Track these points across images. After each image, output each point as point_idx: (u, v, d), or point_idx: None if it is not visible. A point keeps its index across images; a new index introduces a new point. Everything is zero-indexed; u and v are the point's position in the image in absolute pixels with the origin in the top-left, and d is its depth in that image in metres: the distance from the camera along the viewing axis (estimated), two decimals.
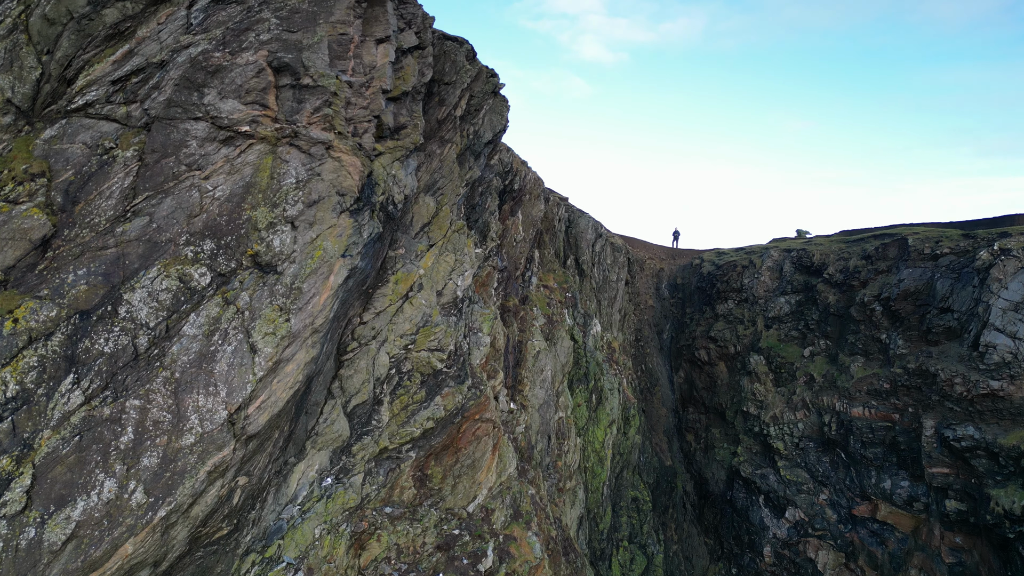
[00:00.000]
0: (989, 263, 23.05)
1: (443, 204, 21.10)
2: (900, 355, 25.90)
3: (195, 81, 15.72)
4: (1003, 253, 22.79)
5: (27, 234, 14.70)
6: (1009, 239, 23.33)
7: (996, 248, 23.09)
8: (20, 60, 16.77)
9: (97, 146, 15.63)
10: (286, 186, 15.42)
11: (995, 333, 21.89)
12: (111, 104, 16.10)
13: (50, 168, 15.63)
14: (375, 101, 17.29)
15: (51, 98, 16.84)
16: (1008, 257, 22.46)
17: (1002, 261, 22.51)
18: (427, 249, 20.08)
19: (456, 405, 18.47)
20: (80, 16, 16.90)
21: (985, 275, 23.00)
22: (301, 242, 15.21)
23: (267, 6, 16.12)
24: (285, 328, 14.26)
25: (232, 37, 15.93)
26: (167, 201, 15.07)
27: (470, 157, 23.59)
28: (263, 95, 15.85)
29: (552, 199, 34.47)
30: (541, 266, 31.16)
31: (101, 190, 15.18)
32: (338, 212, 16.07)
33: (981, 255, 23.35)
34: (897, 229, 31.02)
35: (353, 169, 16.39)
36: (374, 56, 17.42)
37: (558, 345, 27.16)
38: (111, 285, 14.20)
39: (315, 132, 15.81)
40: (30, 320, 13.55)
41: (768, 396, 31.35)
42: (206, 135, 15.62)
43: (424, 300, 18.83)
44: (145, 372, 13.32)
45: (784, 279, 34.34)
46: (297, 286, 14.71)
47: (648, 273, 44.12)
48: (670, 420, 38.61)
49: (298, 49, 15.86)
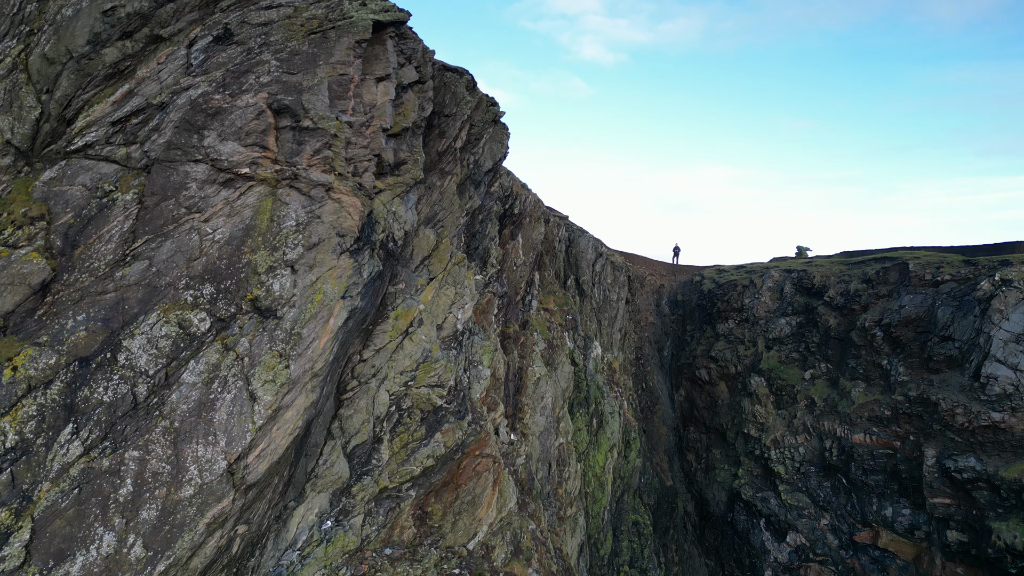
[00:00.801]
0: (990, 293, 23.03)
1: (443, 236, 21.08)
2: (901, 382, 25.87)
3: (195, 123, 15.71)
4: (1004, 284, 22.76)
5: (26, 279, 14.68)
6: (1010, 269, 23.29)
7: (997, 279, 23.07)
8: (19, 100, 16.77)
9: (97, 188, 15.62)
10: (286, 229, 15.40)
11: (996, 364, 21.86)
12: (111, 145, 16.10)
13: (49, 211, 15.61)
14: (375, 140, 17.28)
15: (50, 138, 16.84)
16: (1009, 288, 22.43)
17: (1003, 292, 22.48)
18: (427, 283, 20.05)
19: (456, 442, 18.43)
20: (80, 56, 16.91)
21: (986, 305, 22.98)
22: (301, 286, 15.18)
23: (267, 48, 16.12)
24: (285, 375, 14.22)
25: (232, 79, 15.92)
26: (167, 244, 15.04)
27: (470, 187, 23.58)
28: (263, 137, 15.84)
29: (552, 220, 34.45)
30: (541, 288, 31.13)
31: (100, 234, 15.16)
32: (338, 253, 16.05)
33: (982, 285, 23.33)
34: (898, 252, 30.97)
35: (353, 210, 16.37)
36: (374, 95, 17.42)
37: (558, 370, 27.12)
38: (110, 331, 14.18)
39: (315, 174, 15.80)
40: (29, 368, 13.52)
41: (769, 419, 31.30)
42: (206, 177, 15.61)
43: (424, 336, 18.80)
44: (144, 422, 13.28)
45: (785, 300, 34.31)
46: (297, 331, 14.68)
47: (648, 289, 44.09)
48: (671, 439, 38.55)
49: (298, 91, 15.84)
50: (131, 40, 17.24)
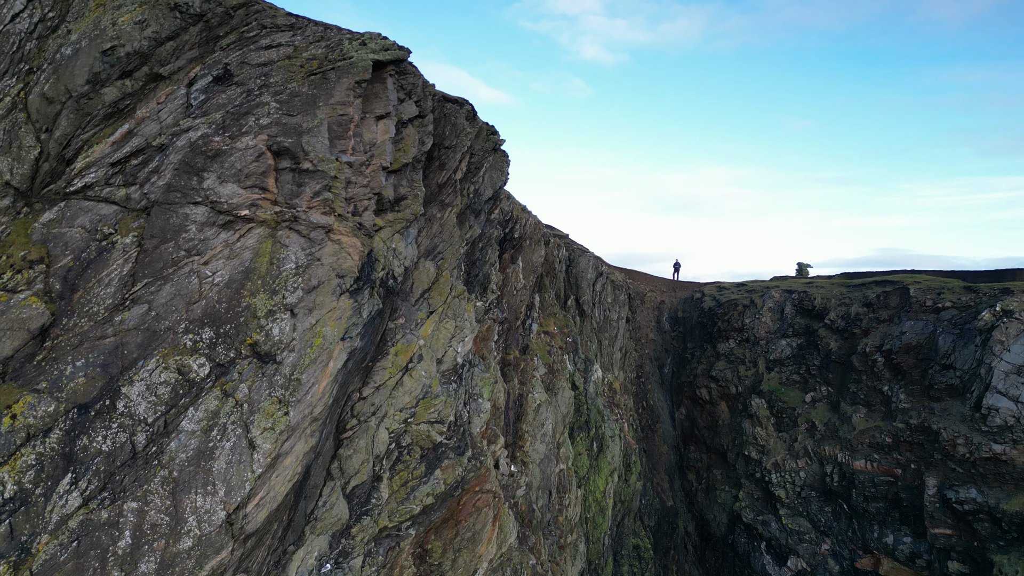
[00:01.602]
0: (991, 324, 22.99)
1: (443, 269, 21.05)
2: (902, 409, 25.83)
3: (195, 165, 15.69)
4: (1005, 315, 22.72)
5: (25, 324, 14.65)
6: (1011, 298, 23.26)
7: (998, 309, 23.03)
8: (19, 140, 16.76)
9: (96, 230, 15.60)
10: (285, 272, 15.36)
11: (998, 396, 21.81)
12: (110, 186, 16.08)
13: (49, 253, 15.59)
14: (375, 179, 17.26)
15: (50, 177, 16.83)
16: (1010, 319, 22.39)
17: (1004, 323, 22.44)
18: (427, 316, 20.02)
19: (456, 478, 18.38)
20: (79, 95, 16.90)
21: (987, 336, 22.94)
22: (300, 329, 15.15)
23: (267, 89, 16.10)
24: (284, 422, 14.19)
25: (232, 121, 15.90)
26: (166, 288, 15.01)
27: (470, 216, 23.55)
28: (263, 179, 15.82)
29: (552, 241, 34.42)
30: (542, 310, 31.09)
31: (100, 277, 15.14)
32: (338, 295, 16.02)
33: (984, 316, 23.31)
34: (899, 276, 30.94)
35: (353, 250, 16.34)
36: (374, 133, 17.40)
37: (559, 395, 27.09)
38: (109, 376, 14.14)
39: (315, 216, 15.77)
40: (28, 416, 13.49)
41: (770, 441, 31.26)
42: (205, 219, 15.58)
43: (424, 371, 18.76)
44: (143, 472, 13.24)
45: (785, 321, 34.28)
46: (296, 377, 14.64)
47: (649, 306, 44.06)
48: (671, 458, 38.49)
49: (298, 133, 15.83)
50: (130, 79, 17.22)
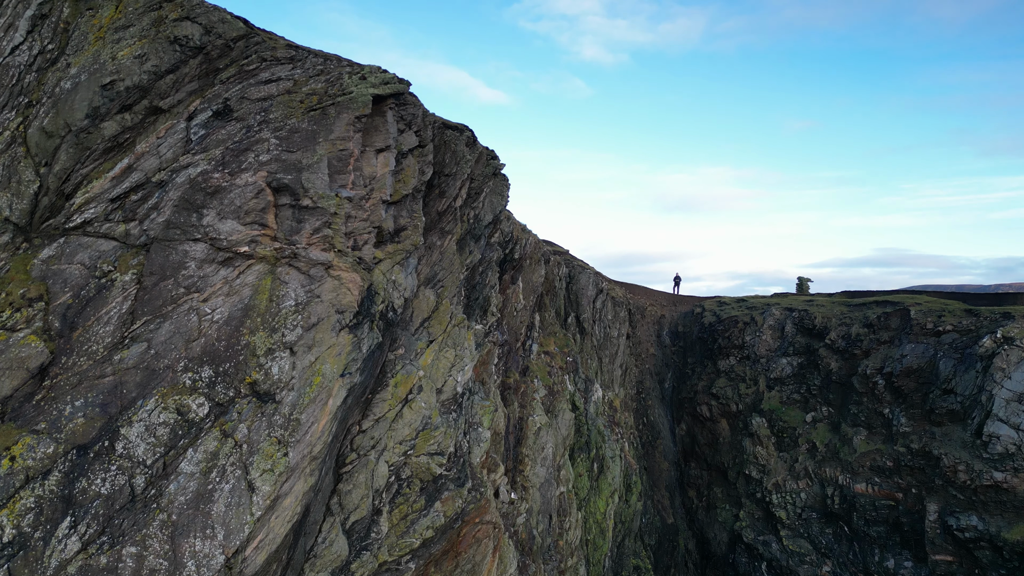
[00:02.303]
0: (992, 351, 22.96)
1: (443, 297, 21.02)
2: (903, 433, 25.77)
3: (194, 202, 15.67)
4: (1006, 342, 22.68)
5: (24, 363, 14.63)
6: (1012, 324, 23.22)
7: (999, 336, 22.99)
8: (18, 174, 16.75)
9: (95, 267, 15.59)
10: (285, 309, 15.34)
11: (999, 424, 21.77)
12: (109, 222, 16.07)
13: (48, 290, 15.57)
14: (375, 212, 17.24)
15: (49, 212, 16.81)
16: (1011, 346, 22.35)
17: (1005, 350, 22.41)
18: (427, 346, 19.99)
19: (456, 510, 18.34)
20: (78, 130, 16.89)
21: (988, 363, 22.91)
22: (300, 367, 15.12)
23: (267, 125, 16.09)
24: (283, 464, 14.15)
25: (232, 157, 15.89)
26: (165, 326, 14.99)
27: (470, 241, 23.53)
28: (262, 215, 15.80)
29: (553, 260, 34.39)
30: (542, 330, 31.06)
31: (99, 315, 15.12)
32: (337, 330, 15.99)
33: (984, 342, 23.27)
34: (899, 297, 30.91)
35: (353, 285, 16.32)
36: (374, 167, 17.39)
37: (559, 417, 27.05)
38: (108, 416, 14.11)
39: (315, 253, 15.75)
40: (27, 458, 13.47)
41: (770, 461, 31.21)
42: (205, 256, 15.56)
43: (424, 402, 18.73)
44: (142, 515, 13.20)
45: (786, 340, 34.24)
46: (296, 417, 14.61)
47: (649, 320, 44.02)
48: (672, 474, 38.44)
49: (298, 169, 15.81)
50: (130, 112, 17.21)
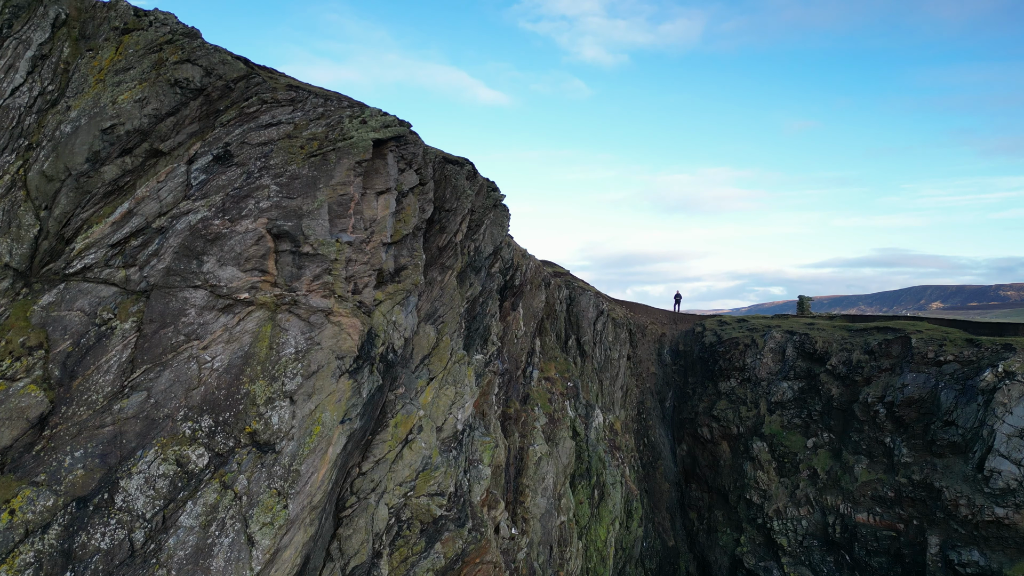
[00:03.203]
0: (994, 385, 22.92)
1: (443, 333, 20.99)
2: (904, 463, 25.72)
3: (194, 249, 15.66)
4: (1008, 376, 22.65)
5: (24, 413, 14.60)
6: (1014, 358, 23.18)
7: (1001, 370, 22.97)
8: (18, 219, 16.72)
9: (95, 314, 15.56)
10: (285, 357, 15.31)
11: (1000, 459, 21.73)
12: (110, 268, 16.05)
13: (48, 337, 15.54)
14: (375, 255, 17.23)
15: (49, 256, 16.79)
16: (1013, 381, 22.33)
17: (1007, 385, 22.37)
18: (427, 383, 19.96)
19: (457, 551, 18.29)
20: (79, 174, 16.87)
21: (990, 397, 22.87)
22: (300, 416, 15.09)
23: (267, 172, 16.08)
24: (283, 516, 14.11)
25: (232, 204, 15.88)
26: (165, 375, 14.96)
27: (471, 274, 23.50)
28: (263, 261, 15.78)
29: (553, 283, 34.36)
30: (542, 355, 31.02)
31: (99, 364, 15.08)
32: (337, 376, 15.96)
33: (986, 376, 23.25)
34: (900, 323, 30.90)
35: (353, 330, 16.29)
36: (375, 210, 17.38)
37: (560, 445, 27.01)
38: (108, 467, 14.07)
39: (315, 300, 15.73)
40: (27, 511, 13.43)
41: (771, 486, 31.15)
42: (205, 303, 15.54)
43: (424, 442, 18.69)
44: (142, 571, 13.15)
45: (787, 363, 34.21)
46: (295, 468, 14.57)
47: (650, 339, 43.99)
48: (673, 495, 38.37)
49: (298, 216, 15.80)
50: (130, 156, 17.20)
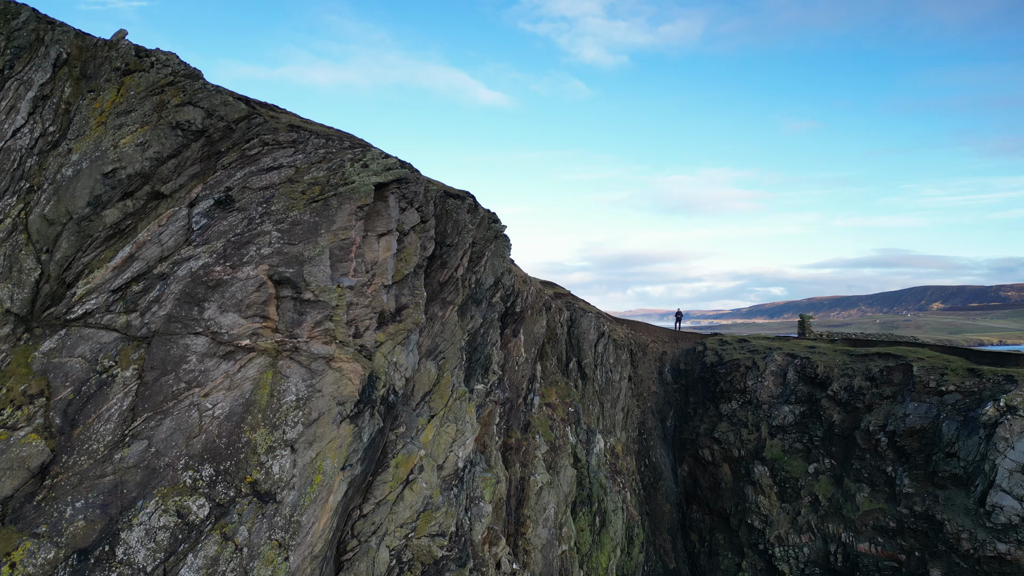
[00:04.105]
0: (995, 419, 22.90)
1: (445, 369, 20.97)
2: (906, 494, 25.68)
3: (195, 296, 15.66)
4: (1009, 411, 22.62)
5: (25, 462, 14.59)
6: (1015, 391, 23.17)
7: (1002, 404, 22.94)
8: (19, 263, 16.72)
9: (96, 361, 15.55)
10: (286, 405, 15.29)
11: (1002, 494, 21.70)
12: (111, 313, 16.04)
13: (49, 385, 15.53)
14: (377, 298, 17.22)
15: (50, 300, 16.79)
16: (1015, 416, 22.30)
17: (1008, 420, 22.35)
18: (428, 421, 19.93)
19: None
20: (80, 217, 16.89)
21: (991, 431, 22.85)
22: (300, 464, 15.06)
23: (268, 218, 16.08)
24: (284, 569, 14.08)
25: (233, 250, 15.88)
26: (166, 423, 14.94)
27: (472, 306, 23.49)
28: (264, 307, 15.77)
29: (554, 306, 34.34)
30: (543, 380, 30.99)
31: (100, 412, 15.07)
32: (338, 422, 15.94)
33: (988, 410, 23.22)
34: (901, 349, 30.92)
35: (354, 375, 16.27)
36: (376, 252, 17.37)
37: (561, 474, 26.98)
38: (109, 518, 14.05)
39: (316, 347, 15.72)
40: (28, 564, 13.40)
41: (773, 512, 31.12)
42: (206, 350, 15.53)
43: (425, 482, 18.65)
44: None
45: (788, 387, 34.21)
46: (296, 519, 14.54)
47: (651, 357, 44.00)
48: (674, 516, 38.35)
49: (299, 262, 15.79)
50: (132, 199, 17.21)
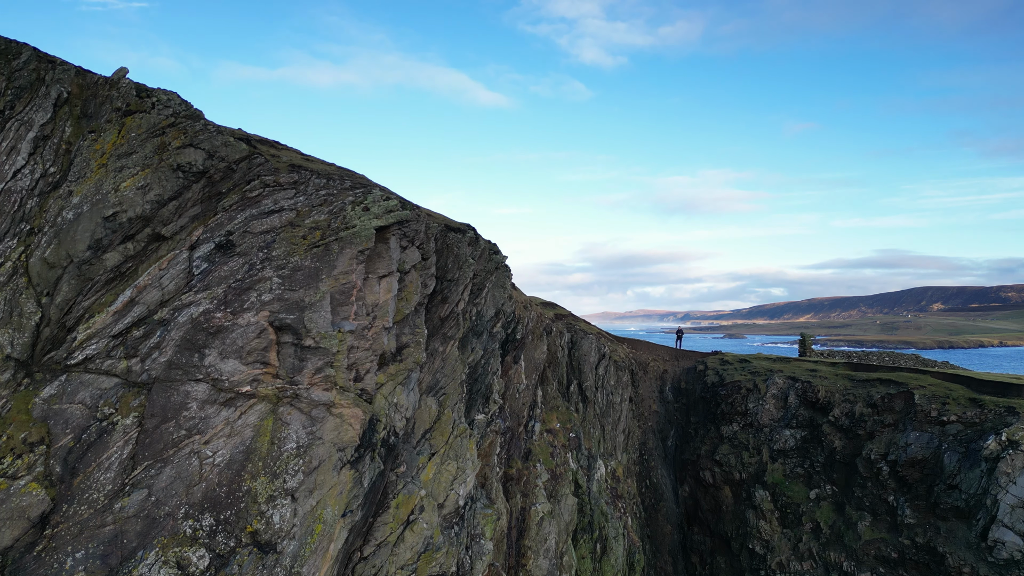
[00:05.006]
0: (997, 454, 22.86)
1: (445, 405, 20.92)
2: (908, 525, 25.63)
3: (196, 342, 15.63)
4: (1011, 446, 22.59)
5: (25, 512, 14.54)
6: (1017, 425, 23.13)
7: (1004, 439, 22.90)
8: (20, 307, 16.70)
9: (97, 408, 15.51)
10: (287, 453, 15.25)
11: (1004, 529, 21.64)
12: (111, 359, 16.02)
13: (49, 432, 15.50)
14: (377, 340, 17.19)
15: (51, 344, 16.76)
16: (1016, 451, 22.26)
17: (1010, 455, 22.31)
18: (428, 459, 19.88)
19: None
20: (80, 261, 16.87)
21: (993, 466, 22.81)
22: (301, 514, 15.02)
23: (269, 263, 16.06)
24: None
25: (234, 296, 15.86)
26: (166, 471, 14.90)
27: (472, 339, 23.46)
28: (264, 354, 15.75)
29: (555, 330, 34.31)
30: (544, 405, 30.94)
31: (100, 461, 15.03)
32: (339, 469, 15.90)
33: (989, 444, 23.18)
34: (903, 376, 30.91)
35: (355, 420, 16.24)
36: (377, 294, 17.35)
37: (562, 503, 26.93)
38: (109, 568, 14.00)
39: (316, 394, 15.69)
40: None
41: (774, 537, 31.08)
42: (206, 397, 15.50)
43: (426, 522, 18.60)
44: None
45: (789, 411, 34.17)
46: (297, 570, 14.50)
47: (652, 376, 43.97)
48: (675, 537, 38.27)
49: (300, 309, 15.77)
50: (132, 241, 17.20)
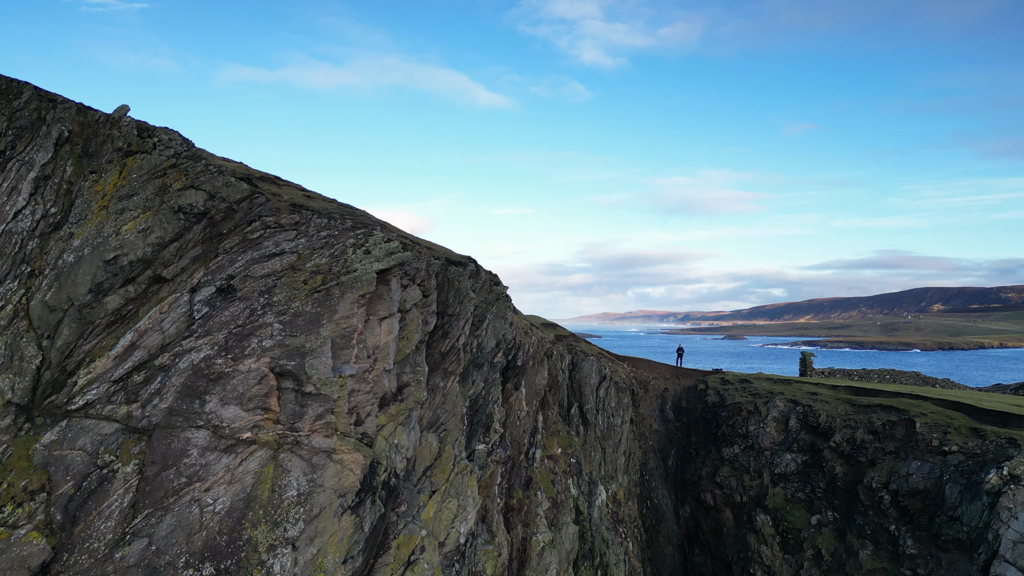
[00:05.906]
0: (999, 488, 22.85)
1: (446, 442, 20.90)
2: (910, 555, 25.62)
3: (197, 389, 15.62)
4: (1013, 480, 22.57)
5: (26, 562, 14.52)
6: (1019, 458, 23.12)
7: (1006, 473, 22.89)
8: (20, 351, 16.70)
9: (97, 455, 15.50)
10: (287, 500, 15.23)
11: (1006, 565, 21.62)
12: (112, 404, 16.01)
13: (50, 479, 15.48)
14: (379, 383, 17.18)
15: (51, 388, 16.75)
16: (1018, 486, 22.25)
17: (1012, 490, 22.30)
18: (429, 497, 19.84)
19: None
20: (81, 304, 16.88)
21: (995, 500, 22.80)
22: (302, 562, 14.99)
23: (270, 309, 16.06)
24: None
25: (235, 342, 15.85)
26: (167, 520, 14.88)
27: (473, 371, 23.44)
28: (265, 400, 15.73)
29: (556, 353, 34.28)
30: (545, 430, 30.90)
31: (100, 509, 15.01)
32: (339, 515, 15.87)
33: (991, 479, 23.18)
34: (905, 403, 30.92)
35: (355, 465, 16.21)
36: (378, 336, 17.34)
37: (563, 531, 26.90)
38: None
39: (317, 440, 15.67)
40: None
41: (775, 563, 31.07)
42: (207, 444, 15.48)
43: (427, 562, 18.56)
44: None
45: (790, 435, 34.16)
46: None
47: (652, 394, 43.96)
48: (676, 559, 38.24)
49: (301, 355, 15.76)
50: (133, 284, 17.21)
